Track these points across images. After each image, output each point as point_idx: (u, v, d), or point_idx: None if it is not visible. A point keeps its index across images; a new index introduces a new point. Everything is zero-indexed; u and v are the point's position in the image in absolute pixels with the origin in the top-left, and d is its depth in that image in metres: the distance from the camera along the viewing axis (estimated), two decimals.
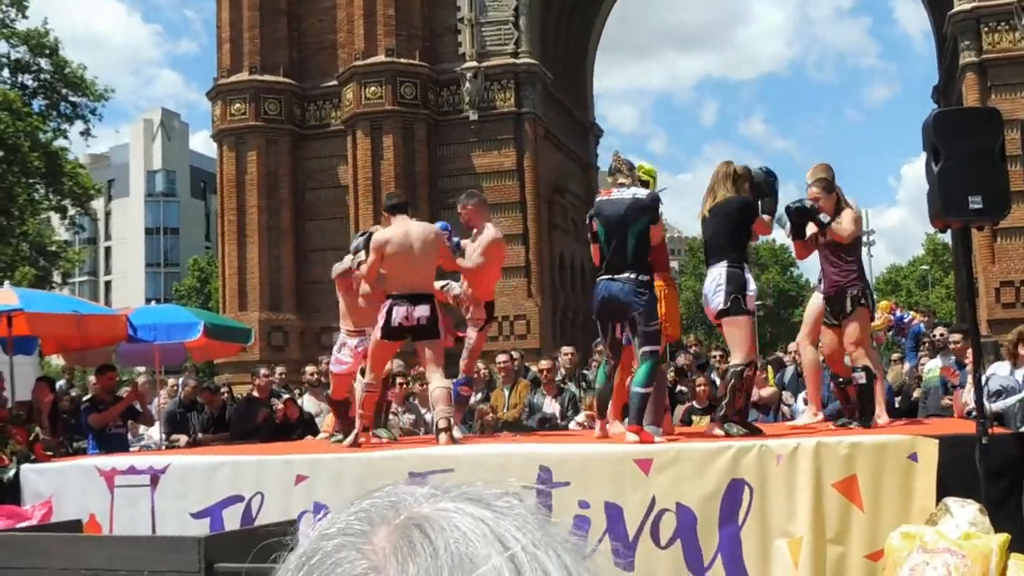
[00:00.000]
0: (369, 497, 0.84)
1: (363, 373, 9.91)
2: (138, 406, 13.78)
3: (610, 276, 8.44)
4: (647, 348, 8.33)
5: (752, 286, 8.67)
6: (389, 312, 9.17)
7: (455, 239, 10.16)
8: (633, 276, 8.34)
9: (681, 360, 13.94)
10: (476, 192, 10.47)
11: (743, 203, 8.60)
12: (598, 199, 8.88)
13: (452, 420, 9.28)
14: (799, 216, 8.87)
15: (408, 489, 0.84)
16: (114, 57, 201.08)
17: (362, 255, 9.68)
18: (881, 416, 9.21)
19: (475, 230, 9.90)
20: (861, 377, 8.83)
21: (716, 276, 8.44)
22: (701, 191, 8.95)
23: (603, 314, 8.59)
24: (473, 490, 0.83)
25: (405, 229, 9.40)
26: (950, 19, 27.47)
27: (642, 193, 8.63)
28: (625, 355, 8.79)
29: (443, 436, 8.92)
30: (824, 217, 8.69)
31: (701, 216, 8.88)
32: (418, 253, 9.27)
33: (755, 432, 8.34)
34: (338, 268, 10.51)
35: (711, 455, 7.43)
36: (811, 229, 8.93)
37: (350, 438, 9.40)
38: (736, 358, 8.52)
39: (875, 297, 10.42)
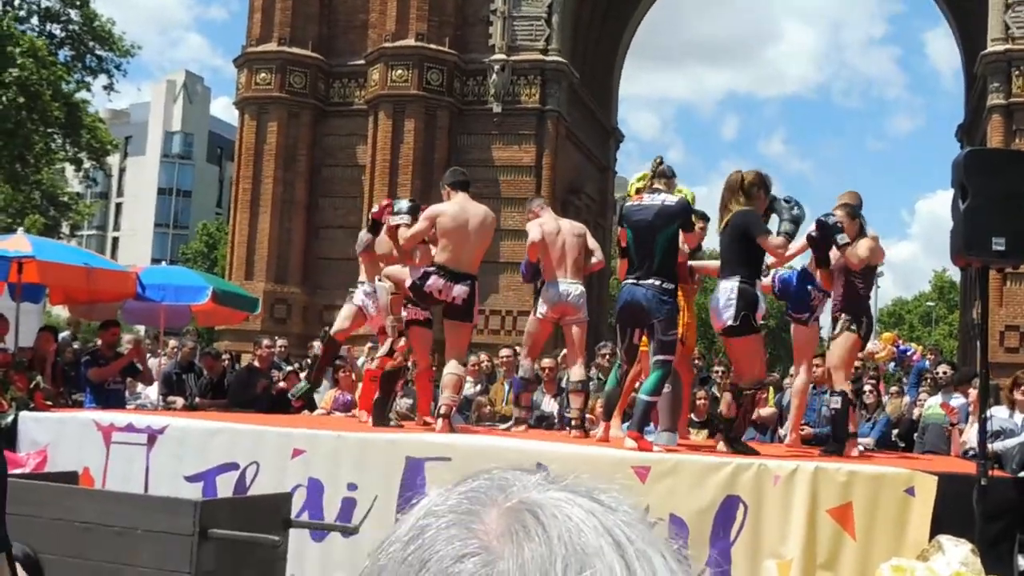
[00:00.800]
0: (476, 478, 0.84)
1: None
2: (138, 364, 13.79)
3: (635, 281, 8.39)
4: (661, 357, 8.30)
5: (763, 304, 8.57)
6: (425, 276, 9.14)
7: None
8: (658, 283, 8.29)
9: None
10: (540, 197, 10.39)
11: (745, 216, 8.40)
12: (627, 204, 8.79)
13: (453, 408, 9.31)
14: (821, 231, 8.72)
15: (515, 474, 0.84)
16: (143, 15, 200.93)
17: (404, 218, 9.64)
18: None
19: None
20: (836, 402, 8.84)
21: (728, 291, 8.29)
22: (716, 205, 8.85)
23: (624, 318, 8.55)
24: (580, 483, 0.83)
25: (464, 207, 9.39)
26: (981, 59, 27.40)
27: (672, 200, 8.56)
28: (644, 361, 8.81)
29: (440, 422, 8.95)
30: (842, 238, 8.60)
31: (719, 230, 8.78)
32: (472, 233, 9.27)
33: (751, 452, 8.33)
34: (361, 244, 10.63)
35: (709, 469, 7.44)
36: (834, 255, 8.84)
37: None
38: (739, 378, 8.45)
39: (877, 328, 10.42)
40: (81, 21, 40.94)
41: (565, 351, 10.64)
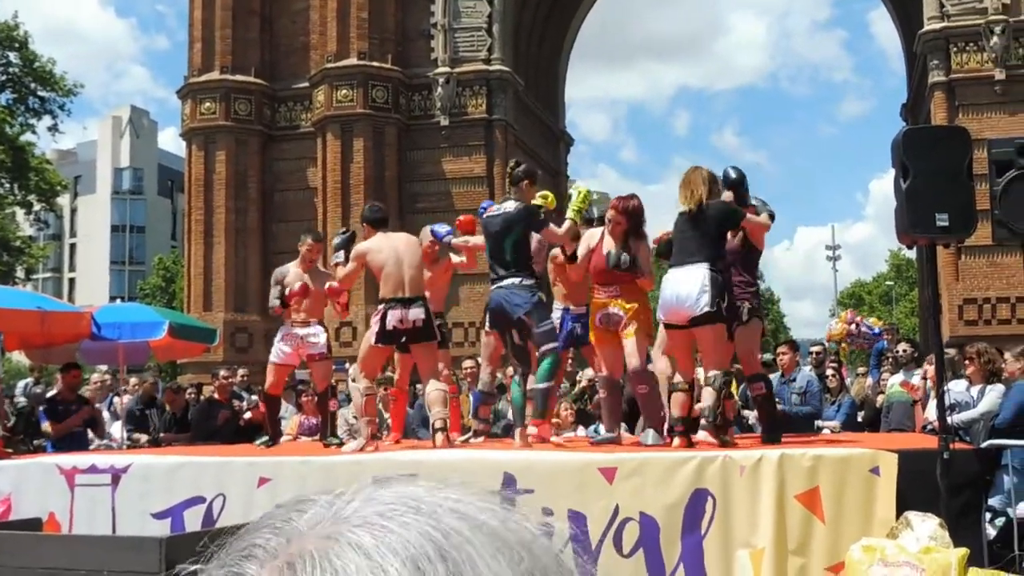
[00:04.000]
0: (257, 527, 0.77)
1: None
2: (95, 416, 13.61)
3: (495, 287, 8.74)
4: (546, 347, 8.49)
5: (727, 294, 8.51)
6: (384, 316, 9.25)
7: (448, 238, 10.53)
8: (517, 280, 8.54)
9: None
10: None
11: (727, 207, 8.47)
12: (484, 215, 9.20)
13: (448, 421, 9.34)
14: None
15: (307, 517, 0.76)
16: (86, 51, 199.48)
17: (339, 257, 9.78)
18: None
19: None
20: (761, 388, 8.95)
21: (700, 277, 8.11)
22: (670, 202, 8.91)
23: (495, 323, 8.78)
24: (376, 509, 0.76)
25: (382, 241, 9.55)
26: (920, 38, 27.70)
27: (512, 207, 8.98)
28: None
29: (439, 436, 8.96)
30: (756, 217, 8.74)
31: (686, 218, 8.47)
32: (404, 257, 9.39)
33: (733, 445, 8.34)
34: (272, 304, 10.64)
35: (675, 465, 7.45)
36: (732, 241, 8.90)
37: (357, 443, 9.32)
38: (714, 367, 8.34)
39: (837, 310, 10.51)
40: (21, 63, 40.64)
41: None
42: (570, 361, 13.25)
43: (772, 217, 8.86)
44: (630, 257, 8.71)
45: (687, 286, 8.19)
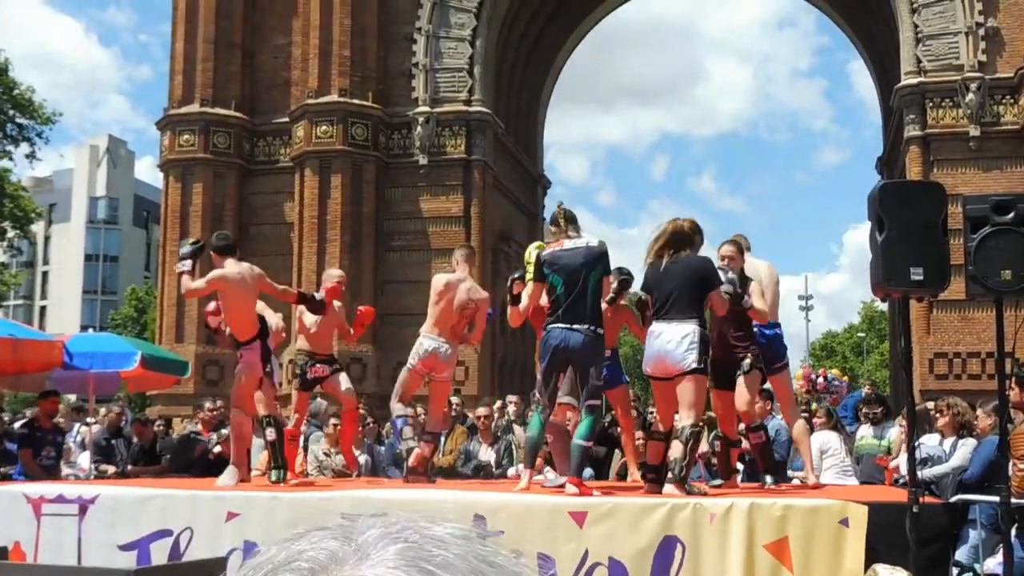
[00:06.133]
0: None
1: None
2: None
3: (568, 325, 8.42)
4: (592, 402, 8.36)
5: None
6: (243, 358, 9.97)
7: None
8: (592, 328, 8.38)
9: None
10: (465, 246, 10.95)
11: (707, 264, 8.57)
12: (550, 251, 8.79)
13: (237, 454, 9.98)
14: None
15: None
16: (67, 79, 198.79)
17: (185, 265, 9.75)
18: (808, 477, 9.45)
19: None
20: (761, 437, 9.20)
21: (689, 333, 8.20)
22: (645, 246, 8.87)
23: (556, 363, 8.53)
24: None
25: (239, 270, 9.84)
26: (896, 92, 27.99)
27: (594, 242, 8.71)
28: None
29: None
30: (747, 301, 8.86)
31: (654, 262, 8.60)
32: (248, 297, 9.82)
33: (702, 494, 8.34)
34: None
35: (646, 510, 7.45)
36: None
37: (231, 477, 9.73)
38: (688, 418, 8.28)
39: (811, 361, 10.71)
40: (0, 90, 40.51)
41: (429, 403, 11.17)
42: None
43: (732, 298, 8.73)
44: None
45: (674, 339, 8.26)
